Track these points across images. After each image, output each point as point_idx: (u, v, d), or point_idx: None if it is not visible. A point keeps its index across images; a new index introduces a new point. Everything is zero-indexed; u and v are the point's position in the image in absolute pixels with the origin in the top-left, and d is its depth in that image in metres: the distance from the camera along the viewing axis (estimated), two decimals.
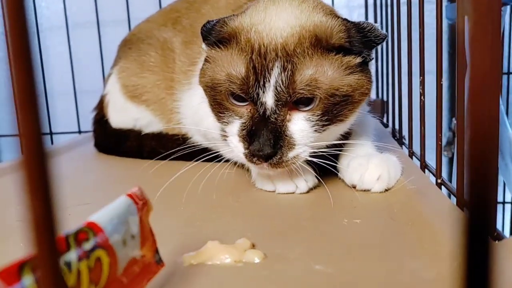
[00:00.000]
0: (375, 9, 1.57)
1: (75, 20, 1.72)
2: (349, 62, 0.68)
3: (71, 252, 0.32)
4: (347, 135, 0.80)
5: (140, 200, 0.40)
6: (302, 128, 0.67)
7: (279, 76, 0.65)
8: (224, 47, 0.71)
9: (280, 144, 0.66)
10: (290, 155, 0.67)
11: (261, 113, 0.67)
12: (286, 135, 0.67)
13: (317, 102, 0.67)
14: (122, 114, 1.13)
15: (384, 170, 0.71)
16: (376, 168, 0.72)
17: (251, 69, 0.67)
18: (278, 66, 0.66)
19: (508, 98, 1.67)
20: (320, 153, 0.70)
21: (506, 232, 1.72)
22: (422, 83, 0.85)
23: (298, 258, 0.50)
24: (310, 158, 0.70)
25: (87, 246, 0.33)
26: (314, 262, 0.48)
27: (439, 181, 0.75)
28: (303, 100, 0.67)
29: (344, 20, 0.70)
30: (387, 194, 0.71)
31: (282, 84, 0.65)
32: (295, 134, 0.67)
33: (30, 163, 0.21)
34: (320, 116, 0.68)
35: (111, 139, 1.14)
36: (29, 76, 0.20)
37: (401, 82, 1.09)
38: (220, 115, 0.72)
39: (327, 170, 0.73)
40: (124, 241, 0.37)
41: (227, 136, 0.72)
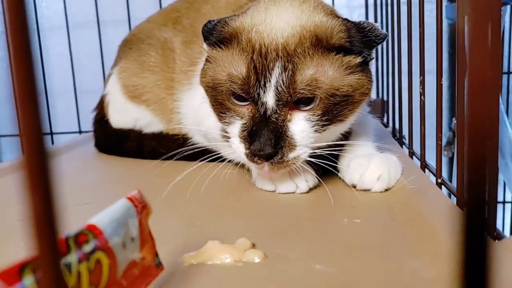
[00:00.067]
0: (375, 9, 1.57)
1: (76, 20, 1.72)
2: (349, 62, 0.68)
3: (71, 254, 0.32)
4: (347, 135, 0.80)
5: (140, 203, 0.40)
6: (302, 128, 0.68)
7: (280, 76, 0.65)
8: (225, 47, 0.71)
9: (281, 144, 0.66)
10: (291, 156, 0.67)
11: (262, 113, 0.67)
12: (287, 135, 0.67)
13: (317, 102, 0.67)
14: (123, 114, 1.13)
15: (385, 169, 0.71)
16: (376, 168, 0.72)
17: (252, 69, 0.67)
18: (279, 66, 0.66)
19: (508, 98, 1.66)
20: (320, 153, 0.70)
21: (507, 231, 1.72)
22: (422, 83, 0.85)
23: (298, 257, 0.50)
24: (310, 159, 0.70)
25: (87, 248, 0.34)
26: (314, 262, 0.48)
27: (439, 180, 0.75)
28: (304, 100, 0.67)
29: (344, 20, 0.70)
30: (387, 194, 0.71)
31: (283, 84, 0.65)
32: (295, 135, 0.67)
33: (31, 163, 0.21)
34: (321, 116, 0.68)
35: (112, 139, 1.14)
36: (29, 76, 0.20)
37: (401, 82, 1.09)
38: (221, 115, 0.73)
39: (327, 170, 0.73)
40: (124, 243, 0.38)
41: (229, 137, 0.72)
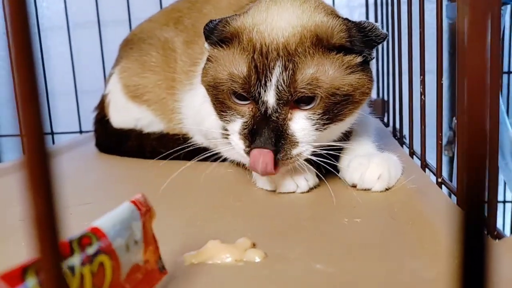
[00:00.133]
0: (375, 8, 1.57)
1: (76, 20, 1.73)
2: (350, 61, 0.68)
3: (74, 257, 0.32)
4: (348, 134, 0.80)
5: (144, 207, 0.40)
6: (303, 127, 0.68)
7: (281, 75, 0.66)
8: (226, 46, 0.72)
9: (282, 142, 0.66)
10: (294, 153, 0.67)
11: (262, 111, 0.67)
12: (287, 134, 0.67)
13: (318, 101, 0.67)
14: (123, 114, 1.13)
15: (385, 169, 0.71)
16: (376, 167, 0.72)
17: (253, 68, 0.67)
18: (280, 65, 0.66)
19: (509, 97, 1.66)
20: (321, 152, 0.70)
21: (507, 231, 1.72)
22: (422, 83, 0.85)
23: (298, 257, 0.50)
24: (311, 157, 0.70)
25: (90, 251, 0.34)
26: (315, 261, 0.48)
27: (439, 180, 0.75)
28: (304, 99, 0.67)
29: (345, 20, 0.70)
30: (387, 193, 0.71)
31: (284, 83, 0.65)
32: (296, 133, 0.68)
33: (32, 163, 0.21)
34: (321, 115, 0.68)
35: (112, 138, 1.15)
36: (30, 76, 0.20)
37: (401, 82, 1.09)
38: (222, 113, 0.73)
39: (327, 169, 0.73)
40: (127, 246, 0.38)
41: (229, 134, 0.72)
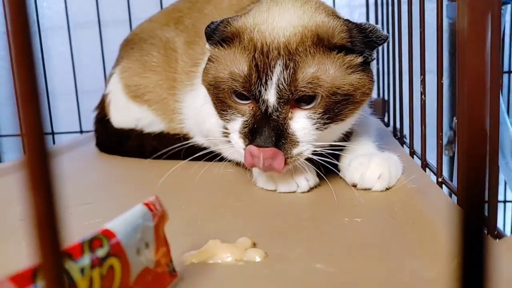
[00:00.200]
0: (376, 8, 1.57)
1: (76, 20, 1.73)
2: (351, 61, 0.69)
3: (84, 258, 0.32)
4: (348, 134, 0.80)
5: (156, 209, 0.40)
6: (303, 126, 0.68)
7: (281, 74, 0.66)
8: (227, 46, 0.72)
9: (282, 141, 0.66)
10: (294, 152, 0.67)
11: (263, 110, 0.67)
12: (288, 133, 0.67)
13: (318, 100, 0.67)
14: (124, 114, 1.13)
15: (385, 169, 0.71)
16: (377, 167, 0.72)
17: (254, 67, 0.67)
18: (280, 64, 0.66)
19: (509, 97, 1.66)
20: (321, 151, 0.70)
21: (507, 230, 1.72)
22: (422, 82, 0.85)
23: (298, 257, 0.50)
24: (312, 156, 0.70)
25: (101, 253, 0.33)
26: (315, 261, 0.48)
27: (440, 180, 0.75)
28: (305, 98, 0.67)
29: (346, 21, 0.70)
30: (388, 193, 0.71)
31: (284, 82, 0.66)
32: (297, 132, 0.68)
33: (32, 163, 0.21)
34: (322, 114, 0.68)
35: (113, 138, 1.14)
36: (31, 76, 0.20)
37: (402, 81, 1.09)
38: (222, 112, 0.73)
39: (328, 169, 0.73)
40: (138, 249, 0.37)
41: (229, 133, 0.72)
